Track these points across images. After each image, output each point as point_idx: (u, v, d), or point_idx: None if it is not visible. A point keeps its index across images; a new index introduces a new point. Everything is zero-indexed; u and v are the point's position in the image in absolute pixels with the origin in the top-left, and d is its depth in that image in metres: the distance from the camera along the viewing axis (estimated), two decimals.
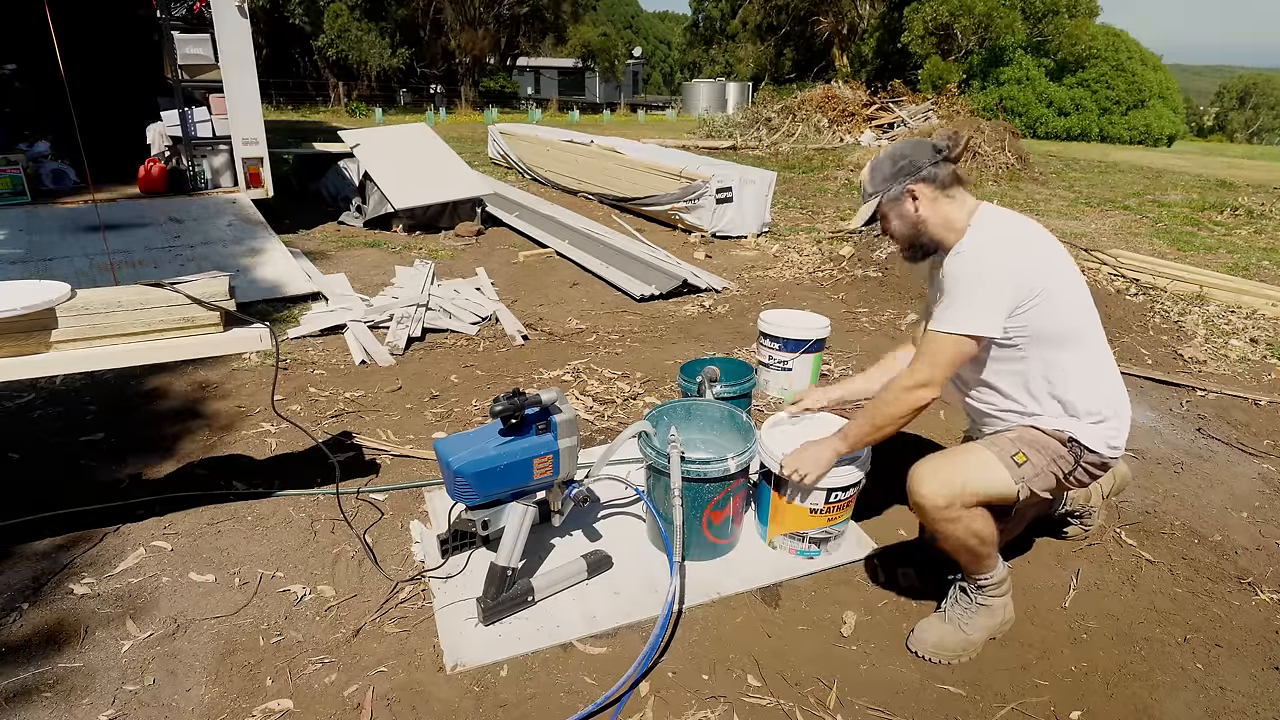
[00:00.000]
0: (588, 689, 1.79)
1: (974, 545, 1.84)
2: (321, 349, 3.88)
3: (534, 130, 10.80)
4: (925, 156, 1.89)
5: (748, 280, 5.49)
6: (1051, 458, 1.85)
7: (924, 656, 1.91)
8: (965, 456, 1.88)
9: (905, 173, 1.89)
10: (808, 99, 15.23)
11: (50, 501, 2.41)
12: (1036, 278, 1.77)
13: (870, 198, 1.96)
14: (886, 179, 1.91)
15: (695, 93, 30.48)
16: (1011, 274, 1.76)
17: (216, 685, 1.76)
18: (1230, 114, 55.06)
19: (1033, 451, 1.84)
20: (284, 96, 24.77)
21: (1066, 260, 1.89)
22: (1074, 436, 1.84)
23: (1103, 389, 1.89)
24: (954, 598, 1.98)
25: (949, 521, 1.80)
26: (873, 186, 1.94)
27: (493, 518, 2.03)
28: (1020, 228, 1.90)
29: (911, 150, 1.91)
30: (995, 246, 1.80)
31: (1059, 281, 1.81)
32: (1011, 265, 1.77)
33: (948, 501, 1.78)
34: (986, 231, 1.84)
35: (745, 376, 2.80)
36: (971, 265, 1.78)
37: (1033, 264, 1.79)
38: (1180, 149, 20.77)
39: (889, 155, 1.93)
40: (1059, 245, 1.91)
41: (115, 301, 1.96)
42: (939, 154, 1.89)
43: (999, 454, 1.84)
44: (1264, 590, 2.22)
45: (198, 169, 6.15)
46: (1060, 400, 1.85)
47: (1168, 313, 4.72)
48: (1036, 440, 1.86)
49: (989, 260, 1.77)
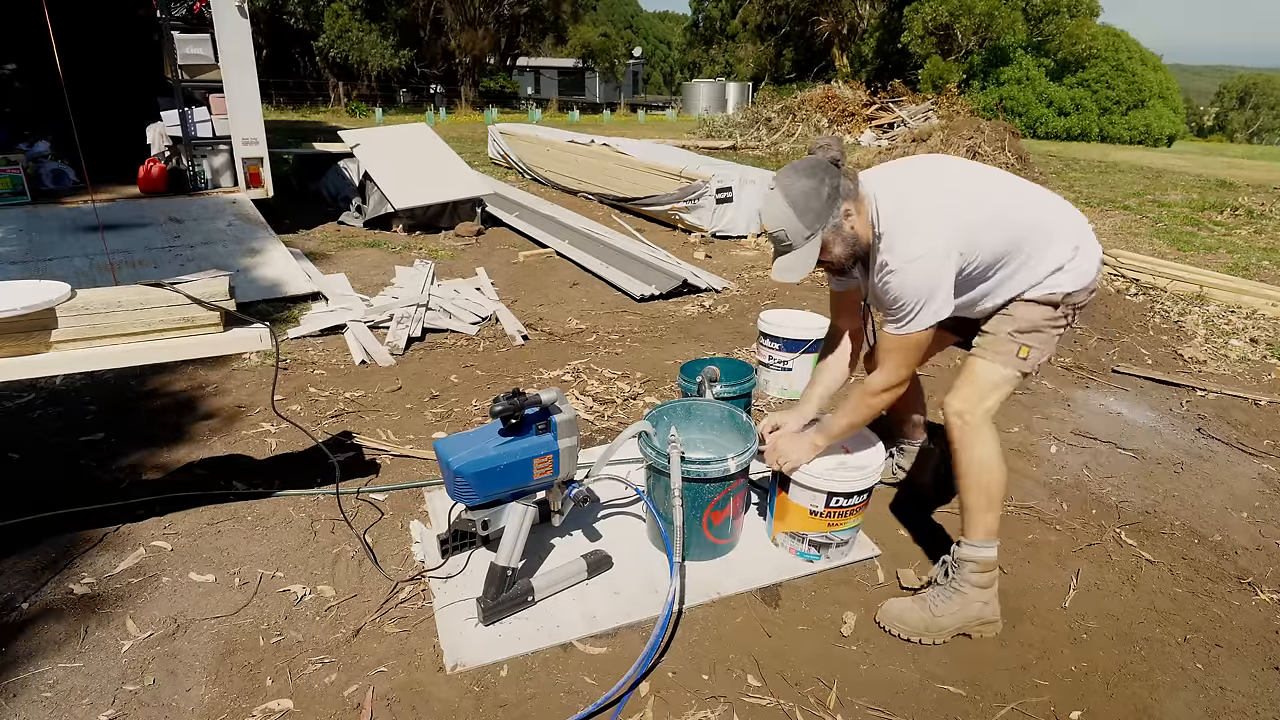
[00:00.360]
0: (588, 689, 1.79)
1: (984, 479, 1.93)
2: (321, 349, 3.88)
3: (534, 130, 10.80)
4: (839, 175, 1.85)
5: (748, 280, 5.49)
6: (1049, 329, 1.95)
7: (884, 626, 1.99)
8: (980, 375, 1.97)
9: (833, 197, 1.83)
10: (808, 99, 15.23)
11: (50, 501, 2.41)
12: (965, 233, 1.82)
13: (807, 240, 1.84)
14: (820, 213, 1.82)
15: (695, 93, 30.48)
16: (944, 258, 1.81)
17: (216, 685, 1.76)
18: (1230, 114, 55.07)
19: (1032, 337, 1.94)
20: (284, 96, 24.77)
21: (976, 174, 1.96)
22: (1059, 291, 1.91)
23: (1062, 237, 1.92)
24: (935, 576, 2.04)
25: (974, 435, 1.93)
26: (808, 226, 1.82)
27: (493, 518, 2.03)
28: (920, 186, 1.91)
29: (825, 174, 1.83)
30: (919, 241, 1.81)
31: (985, 211, 1.86)
32: (941, 247, 1.80)
33: (972, 412, 1.93)
34: (900, 222, 1.84)
35: (745, 376, 2.80)
36: (910, 278, 1.81)
37: (955, 221, 1.82)
38: (1180, 149, 20.77)
39: (808, 191, 1.81)
40: (955, 164, 1.99)
41: (115, 301, 1.96)
42: (839, 165, 1.88)
43: (1005, 362, 1.95)
44: (1264, 590, 2.22)
45: (198, 169, 6.15)
46: (1035, 273, 1.91)
47: (1168, 313, 4.73)
48: (1030, 319, 1.94)
49: (923, 266, 1.80)
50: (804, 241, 1.85)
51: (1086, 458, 3.00)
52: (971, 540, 1.97)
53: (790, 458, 2.14)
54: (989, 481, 1.94)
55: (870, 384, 2.01)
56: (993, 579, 1.98)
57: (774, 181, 1.86)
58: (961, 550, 1.98)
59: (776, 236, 1.87)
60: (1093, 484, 2.80)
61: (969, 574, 1.95)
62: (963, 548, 1.98)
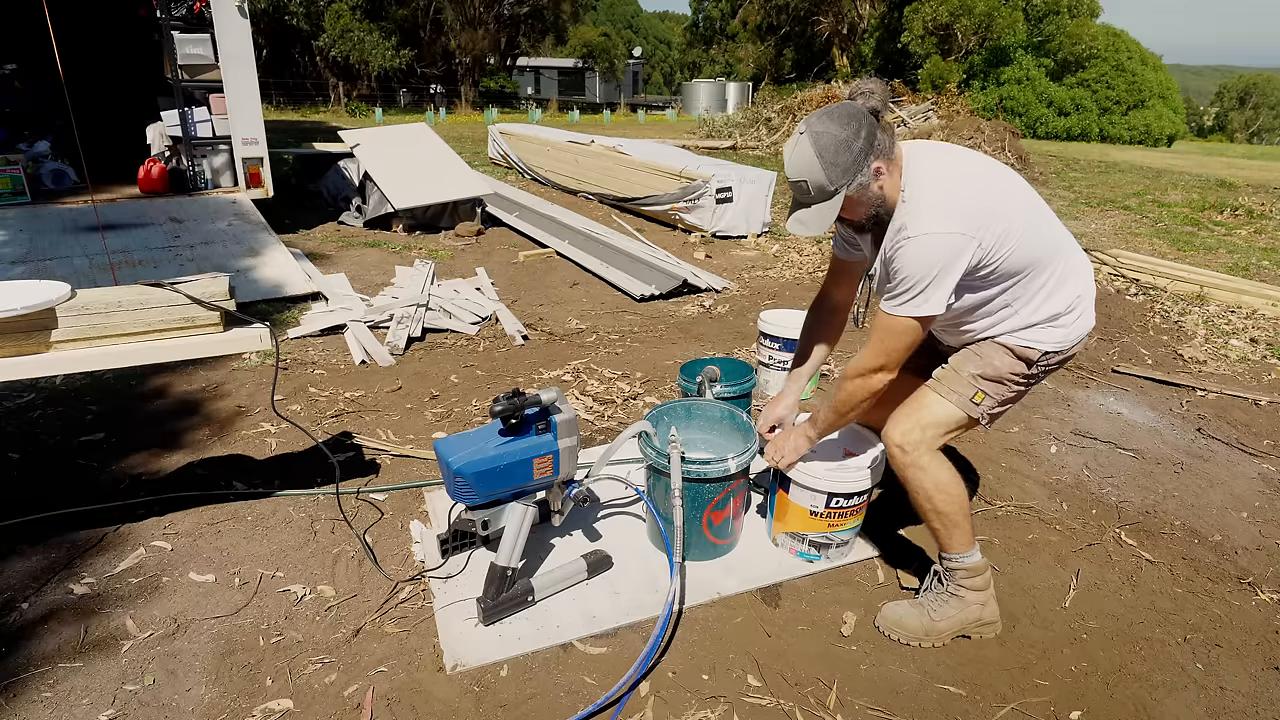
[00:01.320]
0: (588, 689, 1.79)
1: (940, 504, 1.87)
2: (321, 349, 3.88)
3: (534, 130, 10.79)
4: (876, 127, 1.68)
5: (748, 280, 5.49)
6: (1011, 383, 1.88)
7: (883, 631, 1.97)
8: (927, 409, 1.91)
9: (865, 152, 1.66)
10: (808, 99, 15.21)
11: (50, 501, 2.41)
12: (994, 226, 1.68)
13: (830, 195, 1.69)
14: (848, 168, 1.66)
15: (695, 93, 30.48)
16: (964, 242, 1.67)
17: (216, 685, 1.76)
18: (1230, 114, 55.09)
19: (992, 386, 1.87)
20: (284, 96, 24.77)
21: (1020, 186, 1.81)
22: (1038, 349, 1.85)
23: (1074, 279, 1.85)
24: (929, 583, 2.02)
25: (915, 468, 1.86)
26: (834, 180, 1.67)
27: (493, 518, 2.03)
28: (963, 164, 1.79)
29: (861, 125, 1.66)
30: (945, 217, 1.67)
31: (1022, 217, 1.73)
32: (966, 230, 1.66)
33: (913, 446, 1.86)
34: (931, 191, 1.70)
35: (745, 376, 2.80)
36: (923, 251, 1.67)
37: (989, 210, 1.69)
38: (1180, 149, 20.77)
39: (839, 142, 1.65)
40: (1005, 173, 1.82)
41: (115, 301, 1.96)
42: (878, 117, 1.70)
43: (958, 401, 1.88)
44: (1264, 590, 2.22)
45: (198, 169, 6.15)
46: (1022, 315, 1.84)
47: (1168, 313, 4.72)
48: (997, 368, 1.86)
49: (938, 242, 1.66)
50: (827, 196, 1.69)
51: (1086, 458, 3.00)
52: (950, 554, 1.95)
53: (786, 454, 2.12)
54: (943, 503, 1.88)
55: (850, 367, 1.88)
56: (987, 580, 1.98)
57: (805, 125, 1.68)
58: (945, 562, 1.97)
59: (798, 186, 1.71)
60: (1093, 484, 2.80)
61: (962, 579, 1.95)
62: (945, 560, 1.97)
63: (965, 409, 1.88)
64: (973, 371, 1.88)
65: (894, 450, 1.90)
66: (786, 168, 1.71)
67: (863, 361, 1.84)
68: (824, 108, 1.73)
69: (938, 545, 1.98)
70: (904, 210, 1.73)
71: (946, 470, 1.90)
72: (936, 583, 2.00)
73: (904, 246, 1.70)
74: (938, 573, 2.00)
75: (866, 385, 1.86)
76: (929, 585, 2.02)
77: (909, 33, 24.46)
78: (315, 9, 25.22)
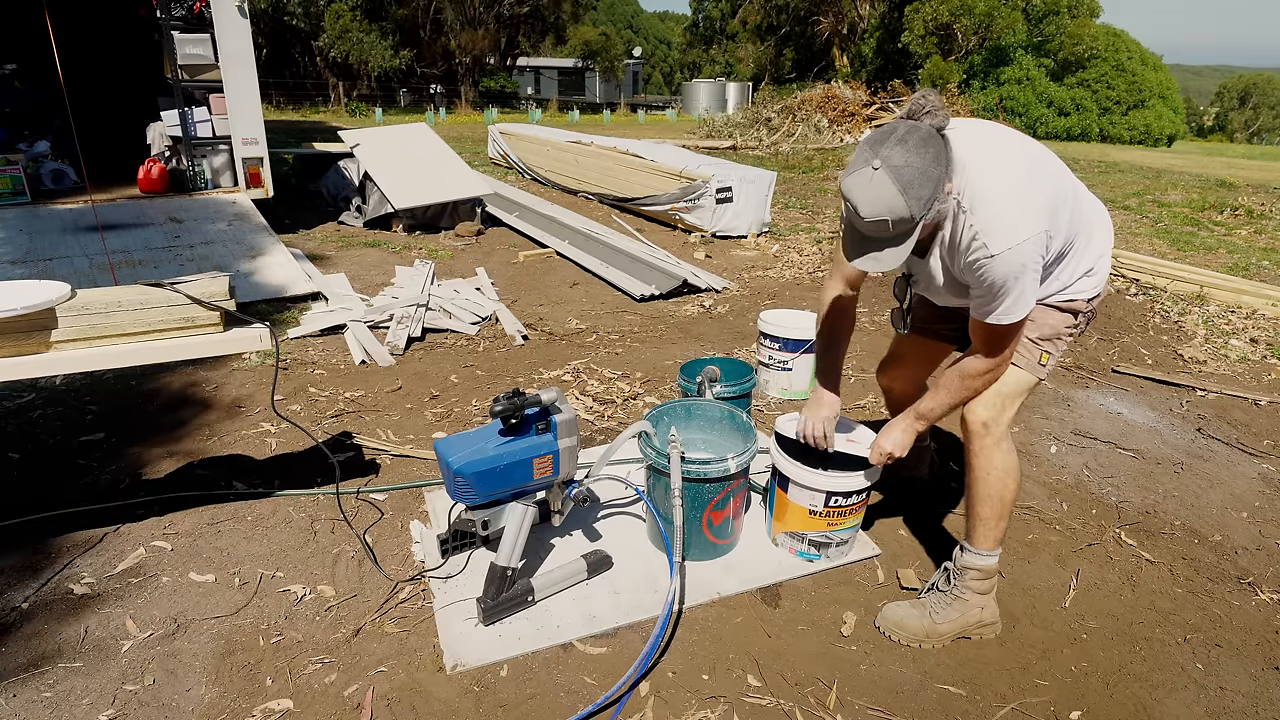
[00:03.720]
0: (588, 689, 1.79)
1: (1002, 490, 1.88)
2: (321, 349, 3.88)
3: (534, 130, 10.79)
4: (948, 150, 1.59)
5: (748, 280, 5.49)
6: (1066, 336, 1.91)
7: (883, 632, 1.97)
8: (1008, 382, 1.89)
9: (943, 179, 1.57)
10: (808, 99, 15.23)
11: (50, 501, 2.41)
12: (1058, 213, 1.68)
13: (911, 230, 1.57)
14: (929, 199, 1.54)
15: (695, 93, 30.47)
16: (1045, 239, 1.64)
17: (216, 685, 1.76)
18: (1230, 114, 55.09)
19: (1052, 344, 1.90)
20: (284, 96, 24.76)
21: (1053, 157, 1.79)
22: (1080, 298, 1.87)
23: (1102, 231, 1.87)
24: (936, 581, 2.02)
25: (997, 447, 1.87)
26: (917, 213, 1.54)
27: (493, 518, 2.03)
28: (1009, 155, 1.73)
29: (938, 150, 1.55)
30: (1025, 223, 1.61)
31: (1068, 191, 1.74)
32: (1045, 227, 1.63)
33: (994, 422, 1.87)
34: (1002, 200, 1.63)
35: (745, 376, 2.80)
36: (1013, 262, 1.61)
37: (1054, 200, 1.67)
38: (1180, 149, 20.77)
39: (921, 172, 1.53)
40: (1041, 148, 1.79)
41: (115, 301, 1.96)
42: (944, 136, 1.60)
43: (1028, 366, 1.89)
44: (1264, 590, 2.22)
45: (198, 169, 6.15)
46: (1075, 269, 1.85)
47: (1168, 313, 4.72)
48: (1053, 326, 1.88)
49: (1028, 249, 1.62)
50: (908, 231, 1.57)
51: (1086, 458, 3.00)
52: (978, 549, 1.94)
53: (898, 450, 2.02)
54: (1005, 492, 1.89)
55: (972, 365, 1.84)
56: (993, 584, 1.98)
57: (876, 159, 1.52)
58: (965, 557, 1.95)
59: (877, 225, 1.56)
60: (1093, 484, 2.80)
61: (970, 580, 1.94)
62: (966, 555, 1.95)
63: (1034, 372, 1.90)
64: (1031, 336, 1.89)
65: (977, 428, 1.88)
66: (861, 208, 1.55)
67: (984, 363, 1.83)
68: (891, 133, 1.56)
69: (969, 536, 1.95)
70: (970, 221, 1.64)
71: (1017, 460, 1.92)
72: (944, 582, 1.99)
73: (991, 264, 1.63)
74: (947, 570, 2.00)
75: (992, 378, 1.87)
76: (935, 584, 2.02)
77: (909, 33, 24.46)
78: (315, 9, 25.23)
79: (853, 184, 1.55)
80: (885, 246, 1.60)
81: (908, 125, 1.57)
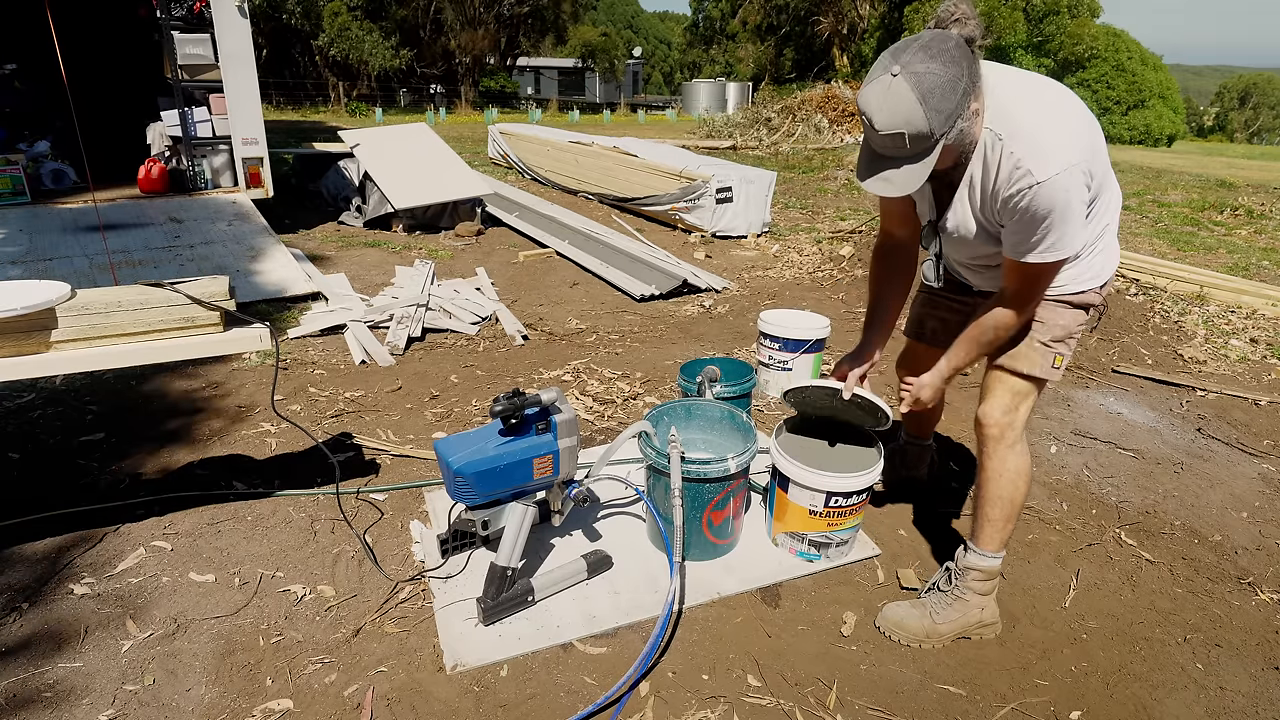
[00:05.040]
0: (588, 689, 1.79)
1: (1012, 492, 1.87)
2: (321, 349, 3.88)
3: (534, 130, 10.80)
4: (976, 63, 1.46)
5: (748, 280, 5.49)
6: (1078, 333, 1.87)
7: (883, 632, 1.96)
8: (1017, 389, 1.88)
9: (969, 92, 1.43)
10: (808, 99, 15.22)
11: (50, 501, 2.41)
12: (1099, 143, 1.57)
13: (929, 149, 1.45)
14: (952, 113, 1.42)
15: (695, 93, 30.49)
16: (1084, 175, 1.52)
17: (216, 685, 1.76)
18: (1230, 114, 55.12)
19: (1065, 345, 1.86)
20: (284, 96, 24.77)
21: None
22: (1094, 291, 1.81)
23: (1112, 207, 1.79)
24: (937, 581, 2.01)
25: (1013, 451, 1.85)
26: (938, 128, 1.42)
27: (493, 518, 2.03)
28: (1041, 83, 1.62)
29: (965, 61, 1.42)
30: (1068, 149, 1.50)
31: (1100, 140, 1.61)
32: (1087, 157, 1.53)
33: (1009, 425, 1.85)
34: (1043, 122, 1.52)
35: (745, 376, 2.80)
36: (1059, 190, 1.48)
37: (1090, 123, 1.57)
38: (1180, 149, 20.78)
39: (945, 83, 1.39)
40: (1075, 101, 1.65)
41: (115, 301, 1.96)
42: (974, 47, 1.46)
43: (1042, 370, 1.85)
44: (1264, 590, 2.22)
45: (198, 169, 6.15)
46: (1085, 262, 1.78)
47: (1168, 313, 4.72)
48: (1065, 325, 1.83)
49: (1074, 177, 1.50)
50: (925, 149, 1.45)
51: (1086, 458, 3.00)
52: (983, 550, 1.93)
53: (927, 394, 1.96)
54: (1016, 494, 1.88)
55: (1002, 316, 1.75)
56: (994, 586, 1.97)
57: (896, 64, 1.40)
58: (969, 558, 1.95)
59: (892, 140, 1.44)
60: (1093, 484, 2.80)
61: (972, 581, 1.94)
62: (970, 555, 1.95)
63: (1049, 375, 1.86)
64: (1043, 339, 1.84)
65: (992, 431, 1.86)
66: (875, 118, 1.42)
67: (1011, 316, 1.74)
68: (914, 40, 1.44)
69: (974, 536, 1.94)
70: (1010, 149, 1.50)
71: (1030, 462, 1.91)
72: (945, 582, 1.99)
73: (1036, 192, 1.49)
74: (949, 570, 1.99)
75: (1020, 322, 1.77)
76: (936, 584, 2.02)
77: (909, 33, 24.39)
78: (314, 9, 25.22)
79: (869, 92, 1.44)
80: (901, 164, 1.47)
81: (934, 32, 1.45)
